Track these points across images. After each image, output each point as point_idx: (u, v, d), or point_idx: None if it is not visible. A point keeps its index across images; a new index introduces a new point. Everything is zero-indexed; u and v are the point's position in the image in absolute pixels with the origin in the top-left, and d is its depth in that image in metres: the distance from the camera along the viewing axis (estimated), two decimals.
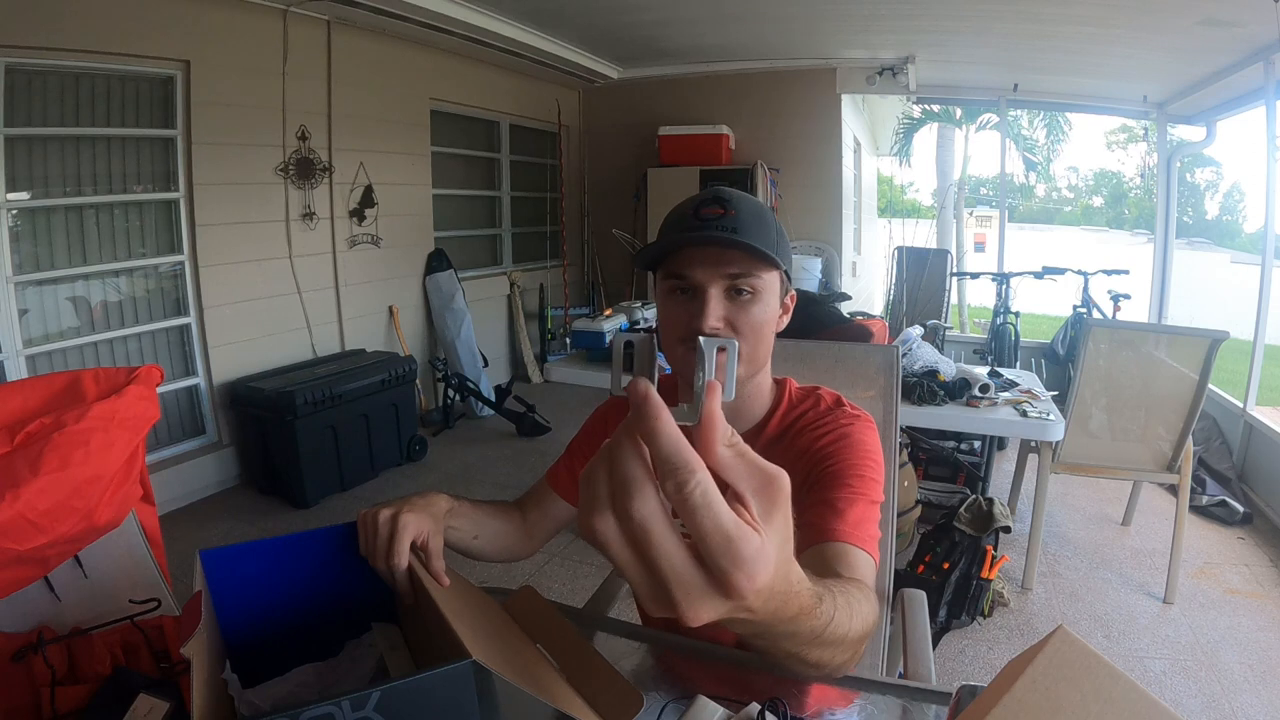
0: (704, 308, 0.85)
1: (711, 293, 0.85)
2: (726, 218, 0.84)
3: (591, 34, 4.78)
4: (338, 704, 0.51)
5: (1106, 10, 3.41)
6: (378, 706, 0.53)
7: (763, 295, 0.87)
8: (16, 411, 1.13)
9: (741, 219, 0.85)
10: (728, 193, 0.88)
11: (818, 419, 0.93)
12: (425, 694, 0.55)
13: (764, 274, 0.87)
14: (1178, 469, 2.51)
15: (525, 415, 4.38)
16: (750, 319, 0.87)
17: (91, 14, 2.85)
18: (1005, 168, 6.00)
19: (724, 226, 0.84)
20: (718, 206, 0.85)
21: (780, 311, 0.92)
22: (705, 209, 0.86)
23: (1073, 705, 0.54)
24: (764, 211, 0.89)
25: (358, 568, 0.85)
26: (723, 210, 0.85)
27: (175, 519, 3.14)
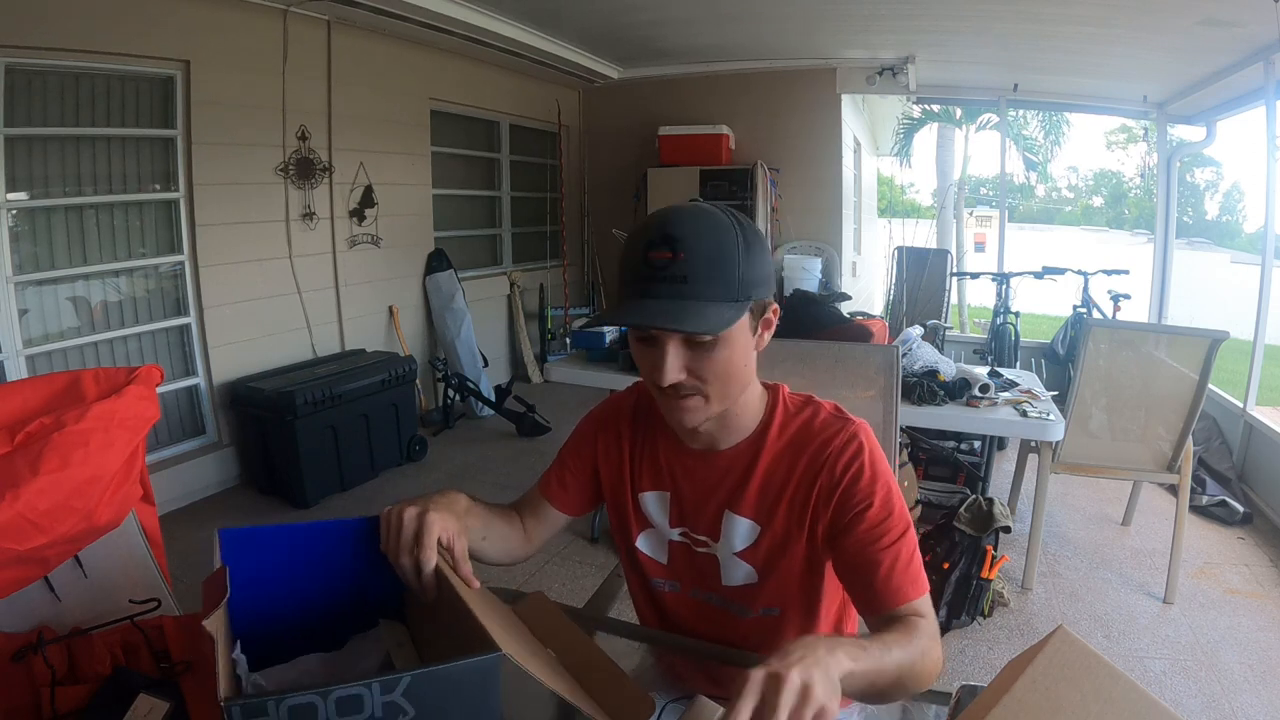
0: (662, 362, 0.80)
1: (669, 347, 0.80)
2: (676, 263, 0.77)
3: (591, 34, 4.78)
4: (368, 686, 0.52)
5: (1106, 10, 3.40)
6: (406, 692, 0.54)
7: (728, 339, 0.81)
8: (16, 411, 1.13)
9: (694, 263, 0.77)
10: (678, 225, 0.78)
11: (824, 430, 0.91)
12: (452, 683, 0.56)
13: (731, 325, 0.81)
14: (1178, 469, 2.51)
15: (525, 415, 4.38)
16: (713, 366, 0.82)
17: (91, 14, 2.84)
18: (1005, 168, 6.00)
19: (673, 276, 0.77)
20: (666, 249, 0.77)
21: (760, 331, 0.87)
22: (654, 252, 0.78)
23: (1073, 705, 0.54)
24: (722, 236, 0.79)
25: (369, 563, 0.85)
26: (671, 254, 0.77)
27: (175, 519, 3.13)
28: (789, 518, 0.90)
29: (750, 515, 0.92)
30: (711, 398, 0.85)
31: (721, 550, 0.95)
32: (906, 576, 0.83)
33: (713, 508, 0.94)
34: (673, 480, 0.97)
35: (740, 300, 0.80)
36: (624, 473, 1.01)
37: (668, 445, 0.98)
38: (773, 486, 0.91)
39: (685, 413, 0.85)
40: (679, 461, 0.97)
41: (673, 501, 0.97)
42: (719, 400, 0.86)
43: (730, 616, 0.97)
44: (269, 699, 0.51)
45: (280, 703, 0.51)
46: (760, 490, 0.92)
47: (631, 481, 1.00)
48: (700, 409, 0.85)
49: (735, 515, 0.93)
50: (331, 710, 0.52)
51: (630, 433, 1.01)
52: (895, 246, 5.48)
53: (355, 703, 0.52)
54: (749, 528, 0.92)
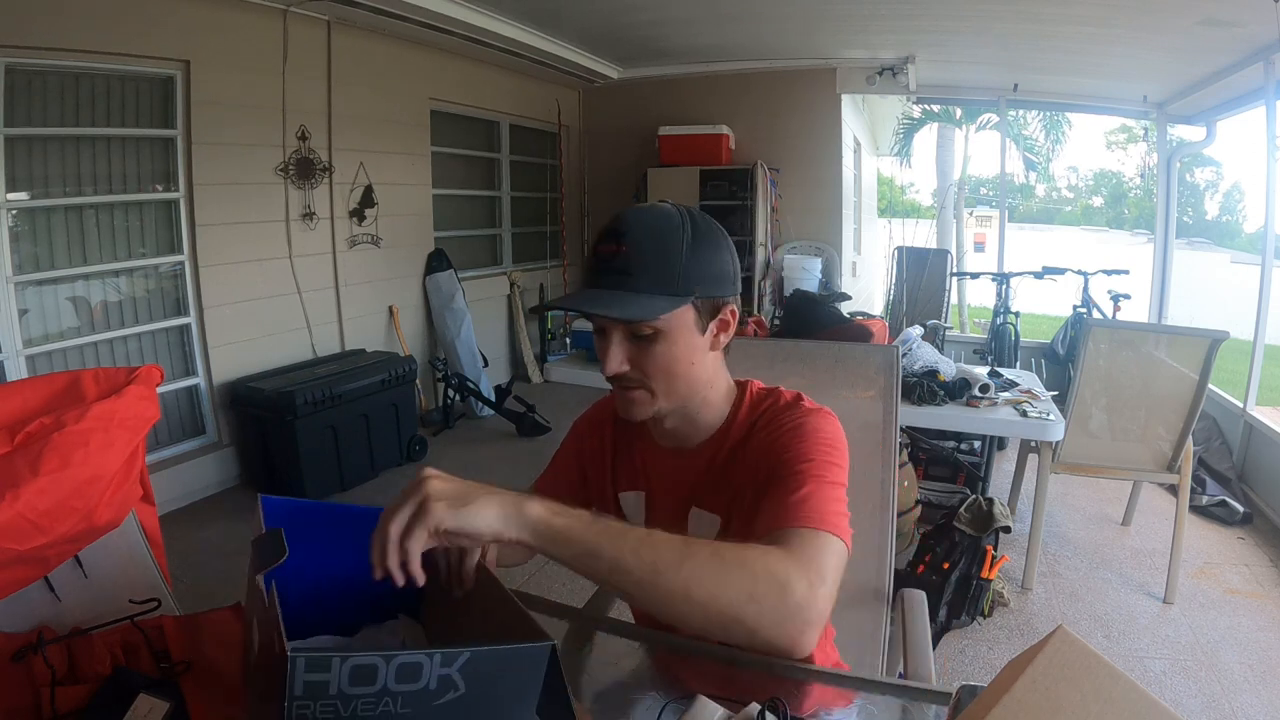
0: (606, 353, 0.83)
1: (614, 337, 0.83)
2: (619, 256, 0.80)
3: (591, 34, 4.78)
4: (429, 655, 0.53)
5: (1106, 10, 3.41)
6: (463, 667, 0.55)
7: (669, 333, 0.83)
8: (16, 411, 1.13)
9: (634, 257, 0.80)
10: (626, 222, 0.82)
11: (775, 415, 0.91)
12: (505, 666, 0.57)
13: (663, 315, 0.82)
14: (1178, 469, 2.51)
15: (525, 415, 4.38)
16: (654, 360, 0.84)
17: (91, 14, 2.85)
18: (1005, 168, 6.00)
19: (616, 269, 0.80)
20: (612, 242, 0.81)
21: (715, 331, 0.87)
22: (602, 245, 0.82)
23: (1073, 705, 0.54)
24: (668, 234, 0.82)
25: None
26: (616, 247, 0.80)
27: (175, 519, 3.13)
28: (745, 508, 0.90)
29: (712, 509, 0.93)
30: (656, 393, 0.86)
31: None
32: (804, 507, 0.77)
33: (680, 505, 0.95)
34: (647, 480, 0.99)
35: (680, 294, 0.81)
36: (605, 474, 1.03)
37: (643, 446, 0.99)
38: (733, 479, 0.92)
39: (629, 404, 0.88)
40: (652, 461, 0.98)
41: (647, 501, 0.99)
42: (664, 396, 0.87)
43: None
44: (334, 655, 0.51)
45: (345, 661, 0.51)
46: (720, 484, 0.92)
47: (612, 482, 1.02)
48: (645, 402, 0.87)
49: (699, 510, 0.94)
50: (391, 675, 0.53)
51: (612, 434, 1.03)
52: (895, 246, 5.48)
53: (414, 670, 0.53)
54: (712, 522, 0.93)
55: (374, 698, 0.53)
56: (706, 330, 0.86)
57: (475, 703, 0.57)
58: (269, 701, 0.55)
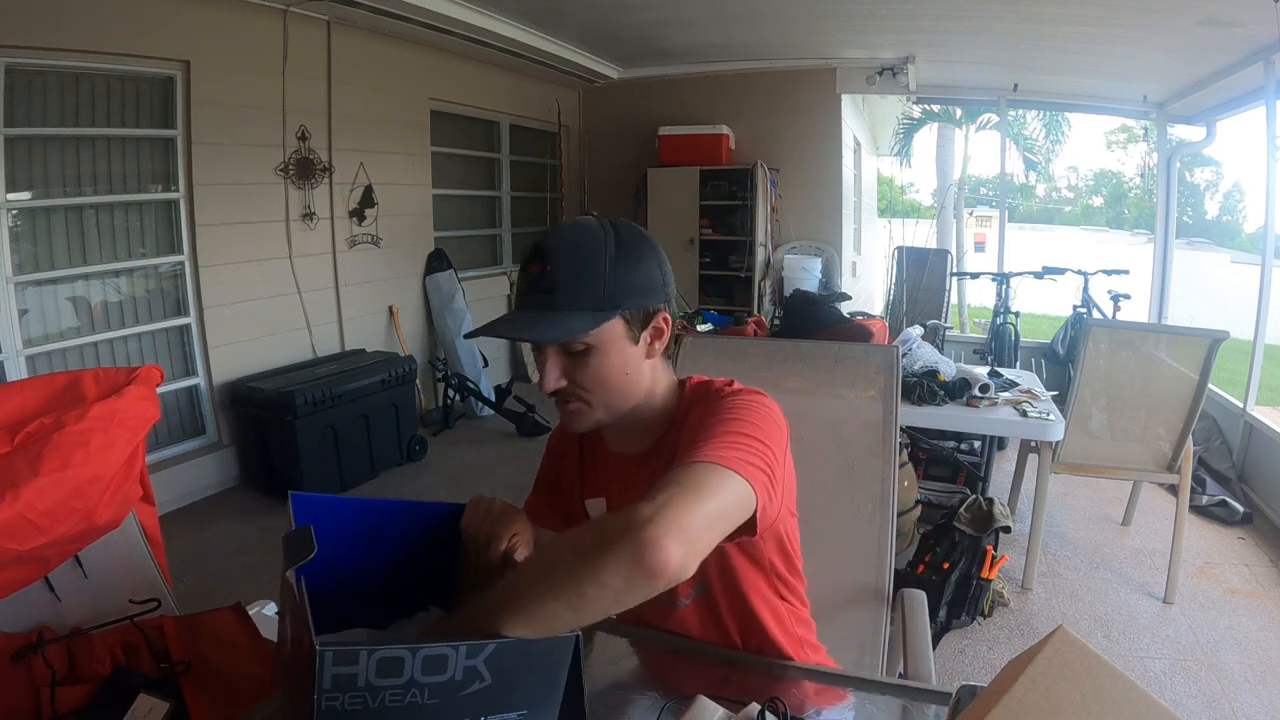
0: (541, 370, 0.85)
1: (548, 353, 0.85)
2: (545, 276, 0.82)
3: (591, 34, 4.78)
4: (455, 647, 0.55)
5: (1106, 10, 3.40)
6: (488, 659, 0.56)
7: (600, 347, 0.84)
8: (16, 411, 1.13)
9: (561, 275, 0.82)
10: (551, 239, 0.84)
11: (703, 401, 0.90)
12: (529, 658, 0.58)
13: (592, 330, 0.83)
14: (1178, 469, 2.51)
15: (525, 415, 4.38)
16: (588, 373, 0.85)
17: (91, 14, 2.84)
18: (1005, 168, 6.00)
19: (543, 288, 0.82)
20: (538, 261, 0.83)
21: (649, 340, 0.88)
22: (530, 265, 0.84)
23: (1073, 705, 0.54)
24: (592, 252, 0.83)
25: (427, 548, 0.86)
26: (541, 267, 0.83)
27: (175, 519, 3.13)
28: None
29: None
30: (594, 404, 0.88)
31: None
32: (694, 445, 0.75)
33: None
34: (606, 486, 1.00)
35: (606, 309, 0.83)
36: (575, 484, 1.05)
37: (603, 453, 1.01)
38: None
39: (569, 418, 0.90)
40: (610, 466, 1.00)
41: (608, 506, 1.00)
42: (602, 407, 0.88)
43: (671, 609, 0.98)
44: (361, 648, 0.52)
45: (371, 654, 0.52)
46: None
47: (580, 491, 1.04)
48: (584, 414, 0.88)
49: None
50: (418, 667, 0.54)
51: (578, 444, 1.05)
52: (895, 246, 5.48)
53: (440, 662, 0.54)
54: None
55: (401, 689, 0.54)
56: (640, 340, 0.87)
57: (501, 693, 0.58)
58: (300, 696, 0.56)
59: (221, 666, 0.95)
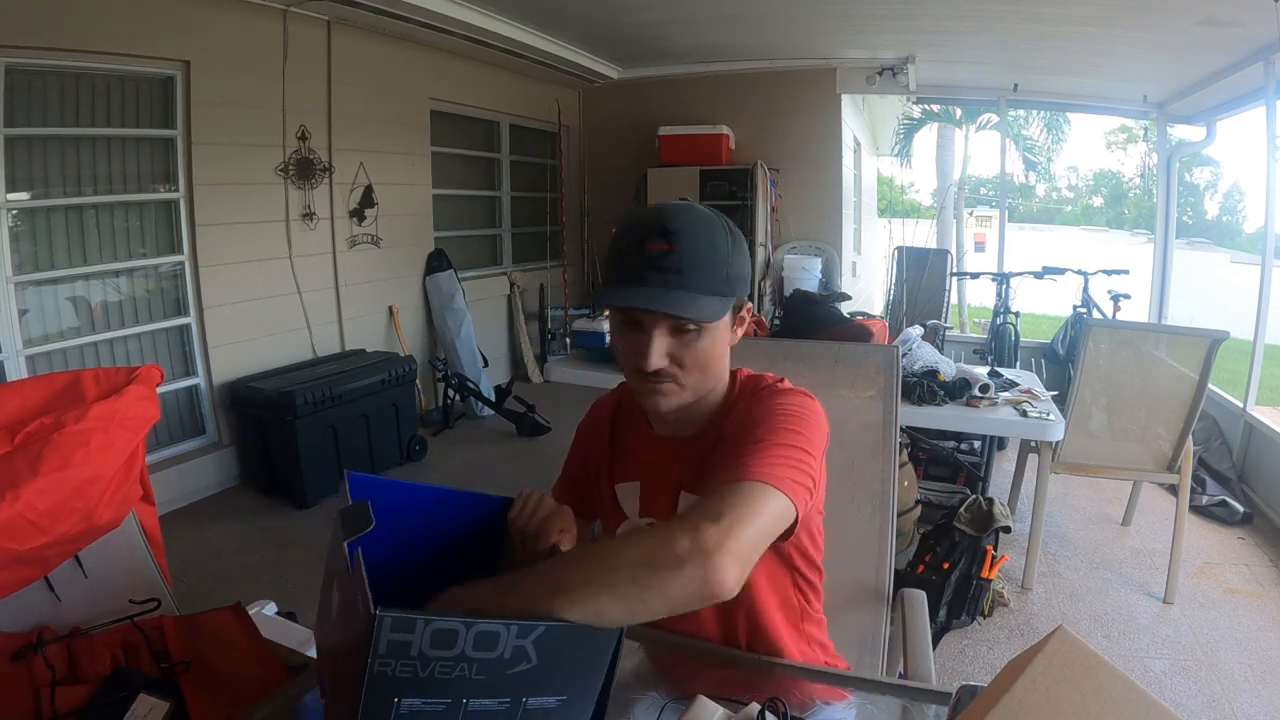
0: (648, 347, 0.84)
1: (655, 333, 0.84)
2: (672, 255, 0.81)
3: (591, 34, 4.78)
4: (506, 625, 0.55)
5: (1106, 10, 3.41)
6: (537, 640, 0.57)
7: (710, 329, 0.86)
8: (16, 411, 1.13)
9: (688, 256, 0.82)
10: (675, 220, 0.83)
11: (753, 395, 0.93)
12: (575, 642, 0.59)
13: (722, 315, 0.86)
14: (1178, 469, 2.51)
15: (525, 415, 4.38)
16: (696, 354, 0.86)
17: (91, 14, 2.84)
18: (1005, 168, 6.00)
19: (669, 267, 0.81)
20: (663, 241, 0.82)
21: (735, 327, 0.92)
22: (650, 243, 0.82)
23: (1073, 705, 0.54)
24: (714, 234, 0.85)
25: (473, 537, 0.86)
26: (668, 245, 0.81)
27: (175, 519, 3.13)
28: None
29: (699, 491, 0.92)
30: (686, 385, 0.89)
31: None
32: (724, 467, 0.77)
33: (671, 490, 0.97)
34: (639, 470, 1.01)
35: (726, 295, 0.85)
36: (605, 468, 1.05)
37: (639, 436, 1.02)
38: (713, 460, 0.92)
39: (660, 397, 0.89)
40: (647, 450, 1.00)
41: (642, 490, 1.00)
42: (692, 389, 0.90)
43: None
44: (418, 617, 0.53)
45: (428, 624, 0.53)
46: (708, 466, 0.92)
47: (609, 476, 1.04)
48: (674, 394, 0.89)
49: (688, 494, 0.95)
50: (470, 641, 0.54)
51: (610, 430, 1.06)
52: (895, 246, 5.47)
53: (491, 639, 0.55)
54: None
55: (451, 662, 0.55)
56: (735, 321, 0.91)
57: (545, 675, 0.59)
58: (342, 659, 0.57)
59: (221, 666, 0.95)
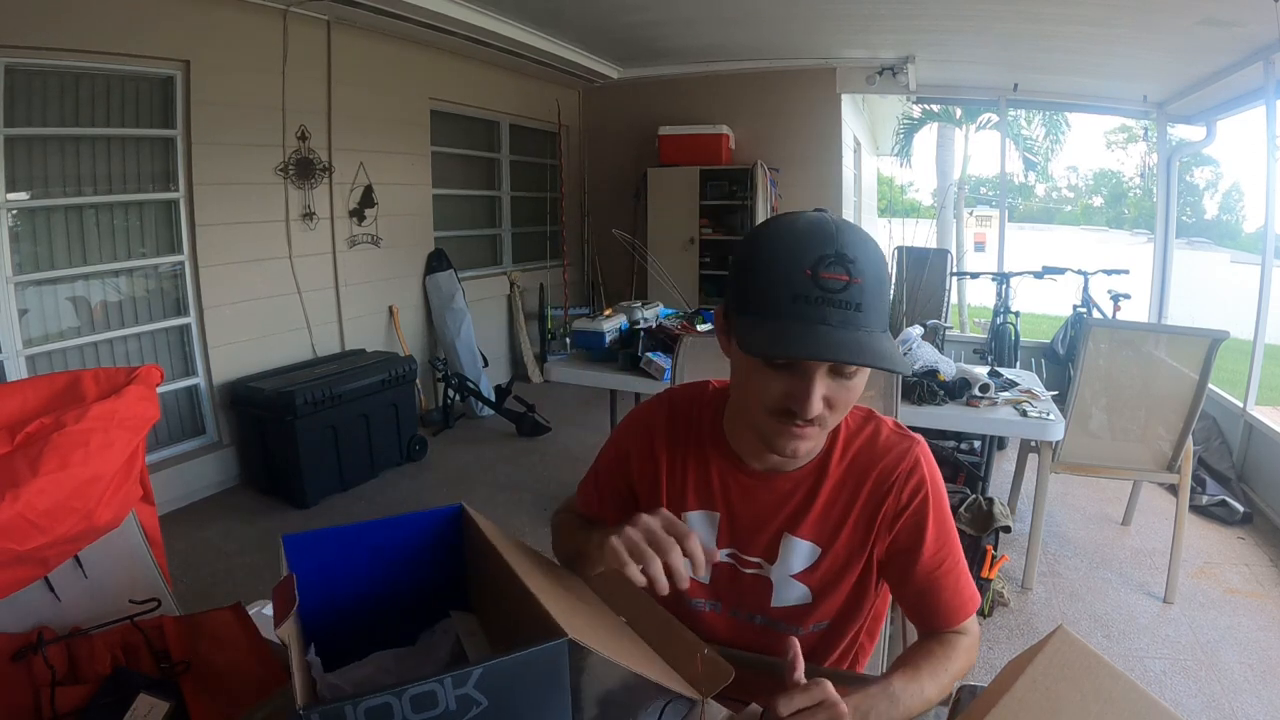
0: (809, 393, 0.74)
1: (817, 376, 0.74)
2: (852, 288, 0.70)
3: (591, 34, 4.78)
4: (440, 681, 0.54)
5: (1106, 10, 3.40)
6: (478, 683, 0.55)
7: (863, 372, 0.78)
8: (16, 411, 1.13)
9: (870, 291, 0.71)
10: (852, 245, 0.71)
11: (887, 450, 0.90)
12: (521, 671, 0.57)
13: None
14: (1178, 469, 2.51)
15: (525, 415, 4.38)
16: (849, 395, 0.78)
17: (91, 14, 2.84)
18: (1005, 168, 6.00)
19: (847, 303, 0.70)
20: (842, 270, 0.70)
21: None
22: (826, 272, 0.70)
23: (1073, 705, 0.54)
24: (883, 268, 0.74)
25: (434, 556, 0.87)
26: (848, 276, 0.70)
27: (175, 519, 3.14)
28: (852, 540, 0.91)
29: (811, 538, 0.91)
30: (828, 426, 0.81)
31: (776, 572, 0.93)
32: (960, 599, 0.89)
33: (772, 530, 0.92)
34: (725, 501, 0.93)
35: (888, 330, 0.76)
36: (660, 491, 0.96)
37: (722, 465, 0.93)
38: (836, 509, 0.90)
39: (801, 441, 0.80)
40: (735, 482, 0.93)
41: (723, 522, 0.94)
42: (829, 428, 0.83)
43: (775, 635, 0.94)
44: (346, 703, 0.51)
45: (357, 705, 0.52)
46: (823, 513, 0.91)
47: (670, 499, 0.95)
48: (815, 438, 0.82)
49: (795, 538, 0.91)
50: (407, 708, 0.53)
51: (668, 450, 0.96)
52: (895, 246, 5.47)
53: (429, 699, 0.54)
54: (809, 550, 0.91)
55: None
56: None
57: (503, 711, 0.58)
58: None
59: (221, 666, 0.95)
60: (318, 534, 0.80)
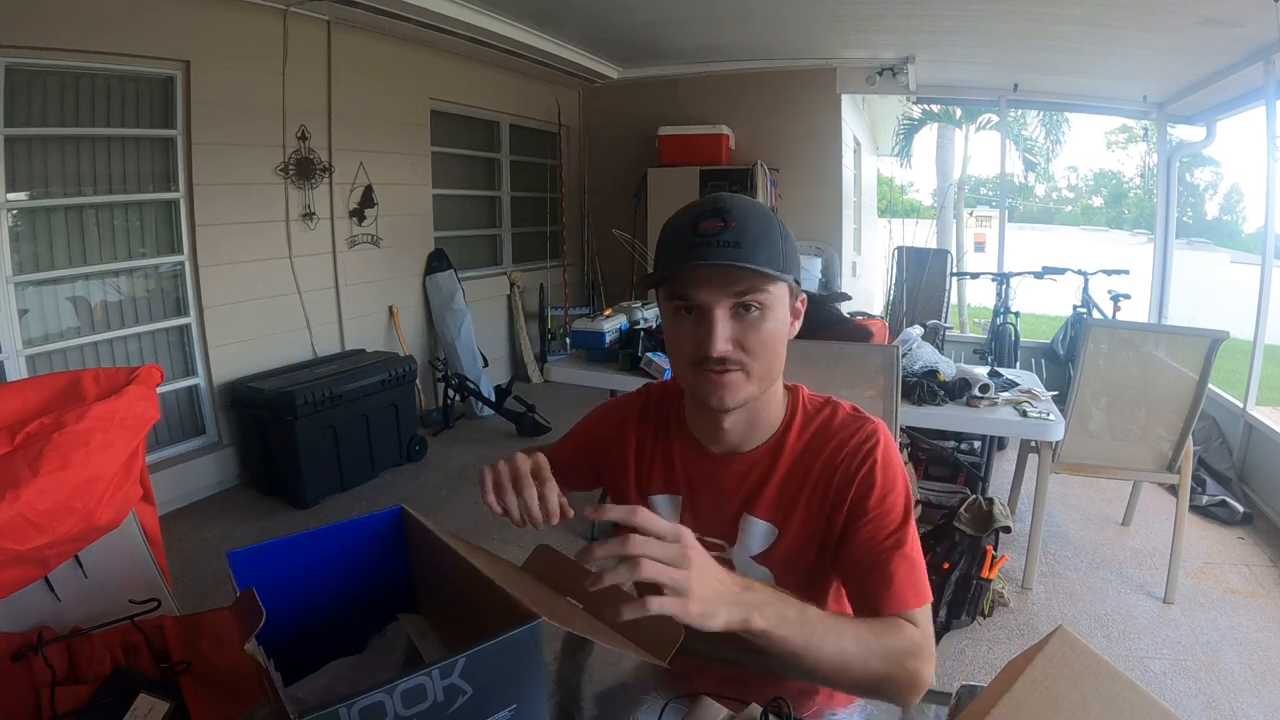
0: (711, 331, 0.81)
1: (718, 314, 0.81)
2: (728, 230, 0.80)
3: (591, 34, 4.78)
4: (428, 674, 0.55)
5: (1106, 10, 3.40)
6: (463, 672, 0.57)
7: (772, 309, 0.83)
8: (16, 411, 1.13)
9: (744, 231, 0.80)
10: (727, 200, 0.83)
11: (842, 437, 0.90)
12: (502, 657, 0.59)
13: (772, 287, 0.82)
14: (1178, 469, 2.51)
15: (525, 415, 4.38)
16: (760, 336, 0.83)
17: (91, 14, 2.84)
18: (1005, 168, 6.00)
19: (726, 241, 0.79)
20: (717, 219, 0.80)
21: (792, 319, 0.88)
22: (704, 222, 0.81)
23: (1073, 705, 0.54)
24: (767, 216, 0.84)
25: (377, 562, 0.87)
26: (723, 223, 0.80)
27: (175, 519, 3.14)
28: (806, 519, 0.90)
29: (768, 518, 0.92)
30: (753, 374, 0.84)
31: (737, 554, 0.94)
32: (909, 585, 0.82)
33: (730, 510, 0.94)
34: (687, 484, 0.96)
35: (784, 272, 0.82)
36: (628, 475, 1.00)
37: (684, 449, 0.97)
38: (790, 488, 0.91)
39: (726, 389, 0.84)
40: (696, 465, 0.96)
41: (685, 505, 0.96)
42: (759, 378, 0.85)
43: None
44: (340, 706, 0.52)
45: (350, 707, 0.52)
46: (779, 492, 0.91)
47: (638, 484, 1.00)
48: (741, 385, 0.84)
49: (753, 518, 0.92)
50: (398, 704, 0.54)
51: (636, 435, 1.01)
52: (895, 246, 5.47)
53: (419, 692, 0.55)
54: (767, 531, 0.92)
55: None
56: (791, 312, 0.88)
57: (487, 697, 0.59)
58: None
59: (221, 666, 0.95)
60: (262, 548, 0.80)
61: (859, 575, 0.85)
